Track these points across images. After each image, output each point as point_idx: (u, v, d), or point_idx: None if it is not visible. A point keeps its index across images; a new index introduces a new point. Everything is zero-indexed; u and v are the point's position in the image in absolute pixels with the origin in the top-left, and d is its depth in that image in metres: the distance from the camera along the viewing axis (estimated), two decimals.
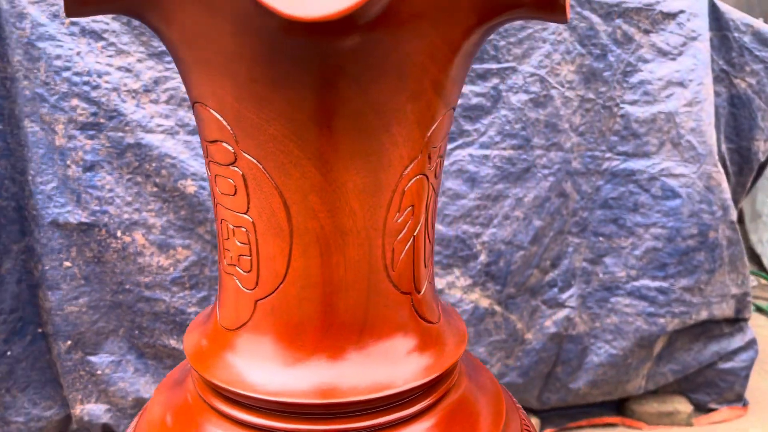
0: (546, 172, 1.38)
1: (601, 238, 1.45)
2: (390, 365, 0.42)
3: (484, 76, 1.35)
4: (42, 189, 1.24)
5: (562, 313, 1.45)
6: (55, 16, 1.20)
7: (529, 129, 1.36)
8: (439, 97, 0.39)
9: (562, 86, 1.37)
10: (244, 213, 0.41)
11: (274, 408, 0.42)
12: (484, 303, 1.40)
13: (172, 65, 1.26)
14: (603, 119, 1.41)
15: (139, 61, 1.24)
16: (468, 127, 1.35)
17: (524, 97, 1.35)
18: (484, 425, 0.45)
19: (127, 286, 1.32)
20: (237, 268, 0.43)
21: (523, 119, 1.35)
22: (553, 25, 1.34)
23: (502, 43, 1.34)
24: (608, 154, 1.42)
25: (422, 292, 0.45)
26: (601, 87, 1.40)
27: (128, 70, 1.24)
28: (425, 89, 0.38)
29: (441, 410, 0.46)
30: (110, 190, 1.27)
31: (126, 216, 1.28)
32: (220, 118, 0.39)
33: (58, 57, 1.20)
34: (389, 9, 0.33)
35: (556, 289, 1.45)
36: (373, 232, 0.40)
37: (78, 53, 1.21)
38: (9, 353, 1.32)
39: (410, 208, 0.41)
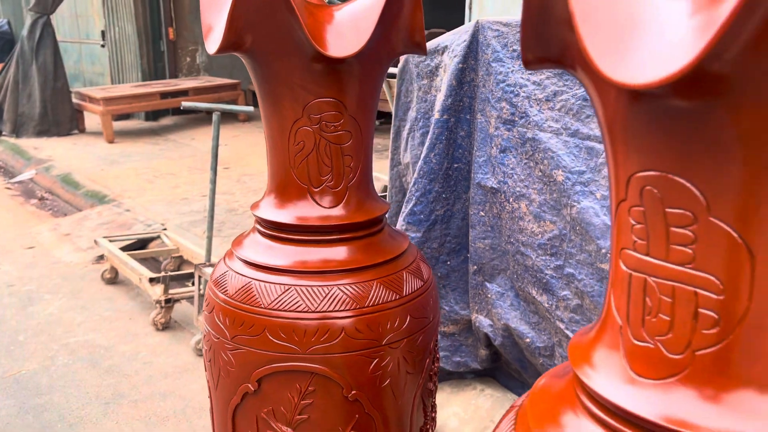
0: None
1: None
2: (282, 210, 0.92)
3: None
4: (477, 161, 1.86)
5: None
6: (505, 45, 1.77)
7: None
8: (302, 89, 0.85)
9: None
10: None
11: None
12: None
13: (569, 82, 1.65)
14: None
15: (547, 78, 1.69)
16: None
17: None
18: None
19: (512, 240, 1.82)
20: None
21: None
22: None
23: None
24: None
25: (319, 188, 0.90)
26: None
27: (538, 84, 1.71)
28: (292, 85, 0.85)
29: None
30: (512, 168, 1.78)
31: (518, 189, 1.77)
32: None
33: (500, 73, 1.77)
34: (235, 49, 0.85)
35: None
36: (284, 148, 0.90)
37: (512, 71, 1.75)
38: (449, 263, 2.02)
39: (302, 142, 0.89)
